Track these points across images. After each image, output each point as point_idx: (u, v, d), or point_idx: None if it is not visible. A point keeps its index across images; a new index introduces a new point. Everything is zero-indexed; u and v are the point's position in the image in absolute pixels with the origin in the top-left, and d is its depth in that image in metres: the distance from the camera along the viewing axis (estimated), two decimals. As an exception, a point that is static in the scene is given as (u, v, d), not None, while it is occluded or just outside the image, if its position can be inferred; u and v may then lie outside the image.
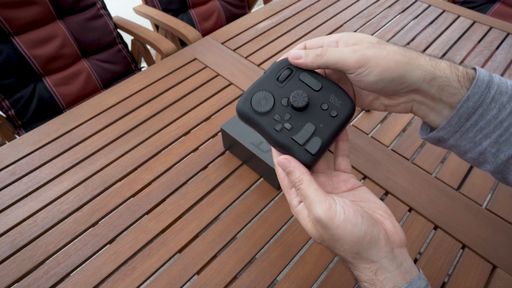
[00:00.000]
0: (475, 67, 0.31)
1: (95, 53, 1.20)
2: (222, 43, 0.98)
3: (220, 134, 0.74)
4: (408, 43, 1.01)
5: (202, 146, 0.72)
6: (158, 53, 1.21)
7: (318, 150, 0.31)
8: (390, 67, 0.30)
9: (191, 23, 1.42)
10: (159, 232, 0.59)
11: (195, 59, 0.92)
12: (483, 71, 0.30)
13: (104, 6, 1.19)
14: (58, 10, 1.09)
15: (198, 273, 0.55)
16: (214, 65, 0.90)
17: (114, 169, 0.68)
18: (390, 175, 0.67)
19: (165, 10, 1.36)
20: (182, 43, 1.40)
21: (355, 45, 0.32)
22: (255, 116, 0.32)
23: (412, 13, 1.13)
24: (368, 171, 0.68)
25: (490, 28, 1.06)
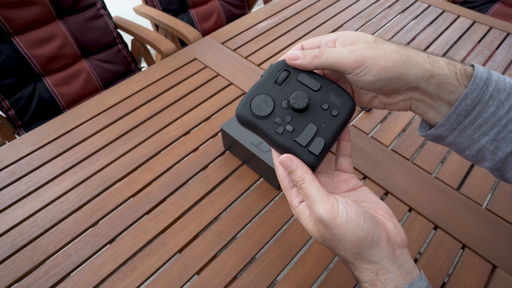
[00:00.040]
0: (474, 64, 0.31)
1: (95, 53, 1.20)
2: (222, 43, 0.98)
3: (220, 134, 0.74)
4: (408, 43, 1.01)
5: (202, 146, 0.72)
6: (158, 53, 1.21)
7: (322, 151, 0.31)
8: (388, 67, 0.30)
9: (191, 23, 1.42)
10: (159, 232, 0.59)
11: (195, 59, 0.92)
12: (481, 68, 0.30)
13: (104, 6, 1.19)
14: (58, 10, 1.09)
15: (198, 273, 0.55)
16: (214, 65, 0.90)
17: (114, 169, 0.68)
18: (390, 175, 0.67)
19: (165, 10, 1.36)
20: (182, 43, 1.40)
21: (352, 44, 0.32)
22: (256, 120, 0.32)
23: (412, 13, 1.13)
24: (368, 171, 0.68)
25: (490, 28, 1.06)
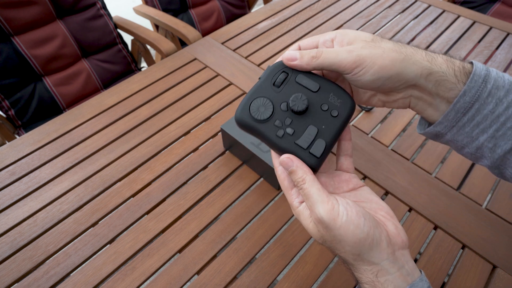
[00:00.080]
0: (472, 61, 0.30)
1: (95, 53, 1.20)
2: (222, 43, 0.98)
3: (220, 134, 0.74)
4: (408, 43, 1.01)
5: (202, 146, 0.72)
6: (158, 53, 1.21)
7: (323, 153, 0.31)
8: (387, 66, 0.30)
9: (191, 23, 1.42)
10: (159, 232, 0.59)
11: (195, 59, 0.92)
12: (480, 65, 0.30)
13: (104, 6, 1.19)
14: (58, 10, 1.09)
15: (198, 273, 0.55)
16: (214, 65, 0.90)
17: (114, 169, 0.68)
18: (390, 175, 0.67)
19: (165, 10, 1.36)
20: (182, 43, 1.40)
21: (350, 44, 0.32)
22: (255, 124, 0.32)
23: (412, 13, 1.13)
24: (368, 171, 0.68)
25: (490, 28, 1.06)
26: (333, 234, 0.29)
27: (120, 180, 0.66)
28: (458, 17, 1.11)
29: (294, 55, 0.33)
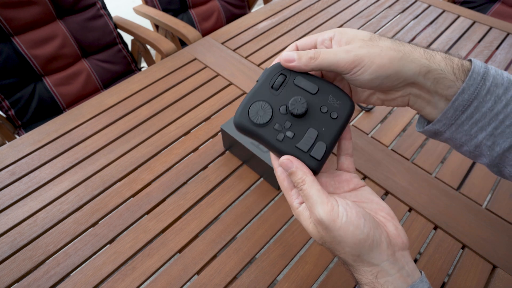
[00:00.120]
0: (471, 59, 0.30)
1: (95, 53, 1.20)
2: (222, 43, 0.98)
3: (220, 134, 0.74)
4: (409, 43, 1.01)
5: (202, 146, 0.72)
6: (158, 53, 1.21)
7: (324, 155, 0.31)
8: (385, 64, 0.30)
9: (191, 23, 1.42)
10: (159, 232, 0.59)
11: (195, 59, 0.92)
12: (479, 63, 0.30)
13: (104, 6, 1.19)
14: (58, 10, 1.09)
15: (198, 273, 0.55)
16: (214, 65, 0.90)
17: (114, 169, 0.68)
18: (390, 175, 0.67)
19: (165, 10, 1.36)
20: (182, 43, 1.40)
21: (348, 43, 0.32)
22: (255, 128, 0.32)
23: (412, 13, 1.13)
24: (368, 171, 0.68)
25: (490, 28, 1.06)
26: (332, 235, 0.28)
27: (120, 180, 0.66)
28: (458, 17, 1.11)
29: (291, 56, 0.32)
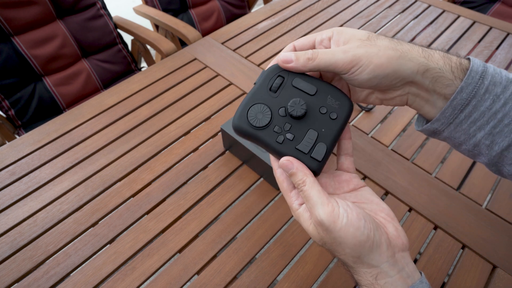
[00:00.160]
0: (469, 57, 0.30)
1: (95, 53, 1.20)
2: (222, 43, 0.98)
3: (220, 134, 0.74)
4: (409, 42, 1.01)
5: (202, 146, 0.72)
6: (158, 53, 1.21)
7: (324, 156, 0.31)
8: (383, 64, 0.30)
9: (191, 23, 1.42)
10: (159, 232, 0.59)
11: (195, 59, 0.92)
12: (477, 62, 0.30)
13: (104, 6, 1.19)
14: (58, 10, 1.09)
15: (198, 273, 0.55)
16: (214, 65, 0.90)
17: (114, 169, 0.68)
18: (390, 175, 0.67)
19: (165, 10, 1.36)
20: (182, 43, 1.40)
21: (346, 43, 0.31)
22: (254, 131, 0.32)
23: (412, 13, 1.13)
24: (368, 171, 0.68)
25: (490, 28, 1.06)
26: (333, 237, 0.28)
27: (120, 180, 0.66)
28: (458, 17, 1.11)
29: (289, 57, 0.32)
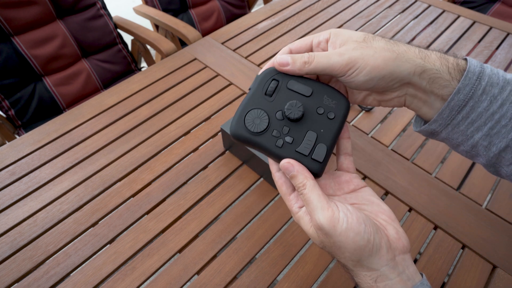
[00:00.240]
0: (466, 58, 0.30)
1: (95, 53, 1.20)
2: (222, 43, 0.98)
3: (220, 134, 0.74)
4: (408, 43, 1.01)
5: (202, 146, 0.72)
6: (158, 53, 1.21)
7: (325, 157, 0.31)
8: (379, 65, 0.30)
9: (191, 23, 1.42)
10: (159, 232, 0.59)
11: (195, 59, 0.92)
12: (474, 62, 0.29)
13: (104, 6, 1.19)
14: (58, 10, 1.09)
15: (198, 273, 0.55)
16: (214, 65, 0.90)
17: (114, 169, 0.68)
18: (390, 175, 0.67)
19: (165, 10, 1.36)
20: (182, 43, 1.40)
21: (342, 45, 0.31)
22: (253, 137, 0.31)
23: (412, 13, 1.13)
24: (368, 171, 0.68)
25: (490, 28, 1.06)
26: (333, 241, 0.28)
27: (120, 180, 0.66)
28: (458, 17, 1.11)
29: (285, 60, 0.32)
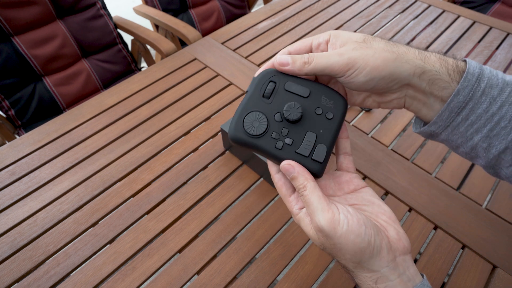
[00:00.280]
0: (466, 59, 0.30)
1: (95, 53, 1.20)
2: (222, 43, 0.98)
3: (220, 134, 0.74)
4: (408, 43, 1.01)
5: (202, 146, 0.72)
6: (158, 53, 1.21)
7: (325, 157, 0.31)
8: (379, 66, 0.30)
9: (191, 23, 1.42)
10: (159, 232, 0.59)
11: (195, 59, 0.92)
12: (474, 64, 0.29)
13: (104, 6, 1.19)
14: (58, 10, 1.10)
15: (198, 273, 0.55)
16: (214, 65, 0.90)
17: (114, 169, 0.68)
18: (390, 175, 0.67)
19: (165, 10, 1.36)
20: (182, 43, 1.40)
21: (342, 46, 0.31)
22: (252, 140, 0.31)
23: (412, 13, 1.13)
24: (368, 171, 0.68)
25: (490, 28, 1.06)
26: (333, 243, 0.28)
27: (120, 180, 0.66)
28: (458, 17, 1.11)
29: (285, 60, 0.32)
